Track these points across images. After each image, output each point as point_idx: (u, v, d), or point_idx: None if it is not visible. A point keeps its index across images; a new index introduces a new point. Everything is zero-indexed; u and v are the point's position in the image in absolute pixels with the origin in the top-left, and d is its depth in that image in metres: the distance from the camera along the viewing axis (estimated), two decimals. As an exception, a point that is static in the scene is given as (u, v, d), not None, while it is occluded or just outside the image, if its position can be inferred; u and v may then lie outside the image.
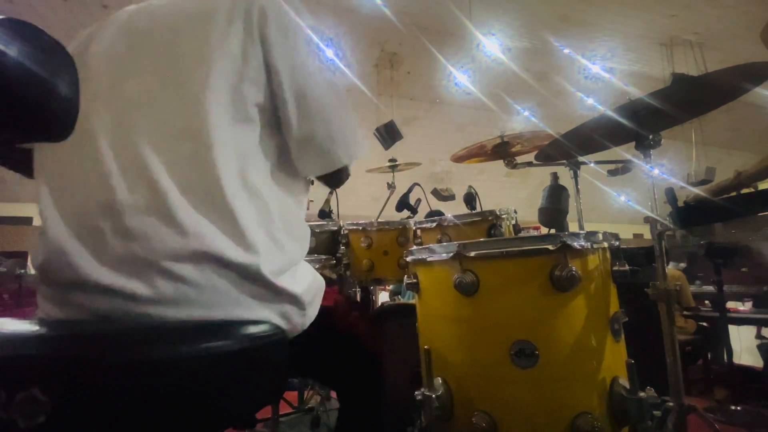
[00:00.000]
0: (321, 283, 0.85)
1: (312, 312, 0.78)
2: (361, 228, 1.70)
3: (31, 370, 0.48)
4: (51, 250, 0.65)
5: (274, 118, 0.76)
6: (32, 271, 5.21)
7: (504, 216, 1.56)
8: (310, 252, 1.66)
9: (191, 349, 0.55)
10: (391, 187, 2.49)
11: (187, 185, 0.65)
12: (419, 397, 0.83)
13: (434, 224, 1.62)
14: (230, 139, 0.68)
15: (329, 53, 6.20)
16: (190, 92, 0.68)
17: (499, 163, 2.06)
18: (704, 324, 2.98)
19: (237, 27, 0.72)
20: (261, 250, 0.67)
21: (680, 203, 1.50)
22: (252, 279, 0.67)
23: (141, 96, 0.71)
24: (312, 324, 0.77)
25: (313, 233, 1.76)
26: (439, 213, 1.85)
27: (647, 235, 1.41)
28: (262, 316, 0.68)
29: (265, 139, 0.74)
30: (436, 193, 2.64)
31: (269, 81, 0.73)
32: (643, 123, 1.33)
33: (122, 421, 0.50)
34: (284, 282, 0.70)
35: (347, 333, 0.92)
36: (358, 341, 0.93)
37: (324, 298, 0.84)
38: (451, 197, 2.71)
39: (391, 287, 4.21)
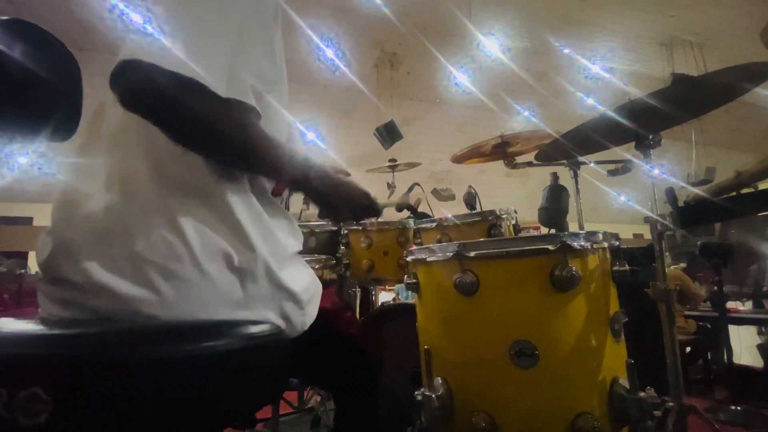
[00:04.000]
0: (318, 284, 0.85)
1: (311, 311, 0.79)
2: (361, 228, 1.70)
3: (33, 369, 0.48)
4: (54, 249, 0.65)
5: None
6: (32, 271, 5.20)
7: (504, 216, 1.56)
8: (310, 252, 1.66)
9: (192, 349, 0.55)
10: (391, 187, 2.49)
11: (183, 186, 0.66)
12: (419, 397, 0.83)
13: (434, 224, 1.62)
14: None
15: (329, 53, 6.19)
16: None
17: (499, 163, 2.05)
18: (704, 324, 2.98)
19: None
20: (258, 246, 0.68)
21: (680, 203, 1.50)
22: (252, 276, 0.68)
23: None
24: (309, 327, 0.78)
25: (313, 233, 1.76)
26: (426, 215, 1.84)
27: (647, 235, 1.41)
28: (263, 316, 0.69)
29: None
30: (436, 193, 2.63)
31: None
32: (643, 123, 1.34)
33: (123, 420, 0.51)
34: (283, 277, 0.71)
35: (343, 334, 0.92)
36: (354, 343, 0.93)
37: (321, 300, 0.84)
38: (451, 197, 2.71)
39: (394, 288, 4.21)
